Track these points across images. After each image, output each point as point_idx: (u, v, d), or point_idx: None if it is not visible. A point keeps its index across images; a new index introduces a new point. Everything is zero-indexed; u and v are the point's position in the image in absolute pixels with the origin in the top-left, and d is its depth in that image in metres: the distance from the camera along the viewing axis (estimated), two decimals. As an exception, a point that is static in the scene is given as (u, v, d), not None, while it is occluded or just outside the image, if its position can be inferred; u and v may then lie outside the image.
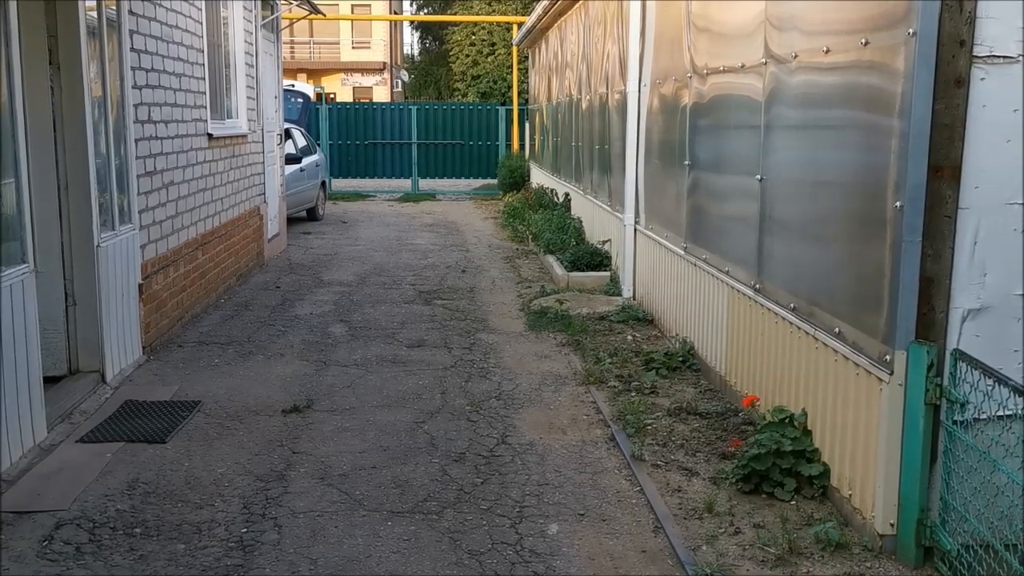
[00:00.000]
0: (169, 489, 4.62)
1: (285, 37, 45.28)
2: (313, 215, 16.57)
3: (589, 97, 11.86)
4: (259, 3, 11.52)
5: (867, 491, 4.12)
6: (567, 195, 14.15)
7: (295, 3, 12.81)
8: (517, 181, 19.90)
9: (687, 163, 7.03)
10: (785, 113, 5.14)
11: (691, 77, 6.92)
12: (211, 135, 8.93)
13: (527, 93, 22.64)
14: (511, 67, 25.99)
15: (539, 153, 18.78)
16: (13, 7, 4.80)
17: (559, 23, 15.17)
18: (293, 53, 44.72)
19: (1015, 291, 3.83)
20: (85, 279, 5.99)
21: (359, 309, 8.94)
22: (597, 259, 10.36)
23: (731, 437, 5.31)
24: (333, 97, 39.52)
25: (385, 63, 44.85)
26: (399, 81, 46.53)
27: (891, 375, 3.90)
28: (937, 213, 3.80)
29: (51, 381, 5.84)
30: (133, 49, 6.78)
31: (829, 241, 4.57)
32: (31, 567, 3.85)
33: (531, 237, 13.20)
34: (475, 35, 39.31)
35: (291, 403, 5.93)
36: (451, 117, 22.14)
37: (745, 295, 5.72)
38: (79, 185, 5.90)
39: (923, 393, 3.78)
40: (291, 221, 15.15)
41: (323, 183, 17.36)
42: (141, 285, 6.86)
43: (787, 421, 4.76)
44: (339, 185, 21.90)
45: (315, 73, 43.36)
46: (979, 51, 3.70)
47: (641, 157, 8.82)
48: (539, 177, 18.23)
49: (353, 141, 21.87)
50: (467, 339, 7.78)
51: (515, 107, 22.16)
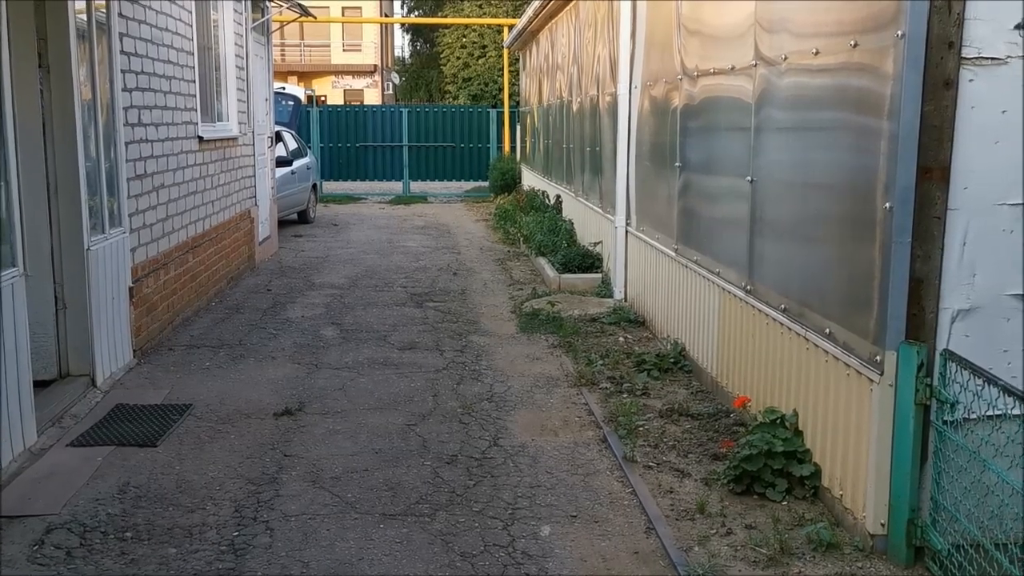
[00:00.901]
0: (160, 493, 4.61)
1: (276, 39, 45.20)
2: (304, 218, 16.55)
3: (580, 99, 11.87)
4: (249, 6, 11.51)
5: (858, 491, 4.13)
6: (558, 197, 14.16)
7: (285, 6, 12.79)
8: (508, 183, 19.91)
9: (678, 165, 7.05)
10: (775, 115, 5.15)
11: (681, 79, 6.94)
12: (201, 138, 8.91)
13: (518, 95, 22.65)
14: (502, 69, 26.01)
15: (530, 155, 18.80)
16: (2, 10, 4.78)
17: (549, 25, 15.19)
18: (284, 55, 44.65)
19: (1004, 291, 3.85)
20: (75, 283, 5.97)
21: (350, 312, 8.93)
22: (588, 261, 10.37)
23: (723, 438, 5.32)
24: (324, 100, 39.50)
25: (376, 65, 44.83)
26: (390, 83, 46.51)
27: (881, 375, 3.92)
28: (926, 214, 3.82)
29: (41, 385, 5.81)
30: (123, 52, 6.77)
31: (819, 242, 4.59)
32: (22, 572, 3.83)
33: (522, 239, 13.21)
34: (466, 37, 39.33)
35: (283, 406, 5.92)
36: (442, 119, 22.16)
37: (736, 296, 5.73)
38: (69, 188, 5.88)
39: (913, 393, 3.80)
40: (282, 224, 15.12)
41: (314, 186, 17.34)
42: (132, 288, 6.84)
43: (778, 422, 4.77)
44: (330, 188, 21.88)
45: (306, 75, 43.32)
46: (968, 53, 3.72)
47: (632, 159, 8.83)
48: (530, 179, 18.24)
49: (344, 144, 21.87)
50: (459, 341, 7.78)
51: (506, 109, 22.18)
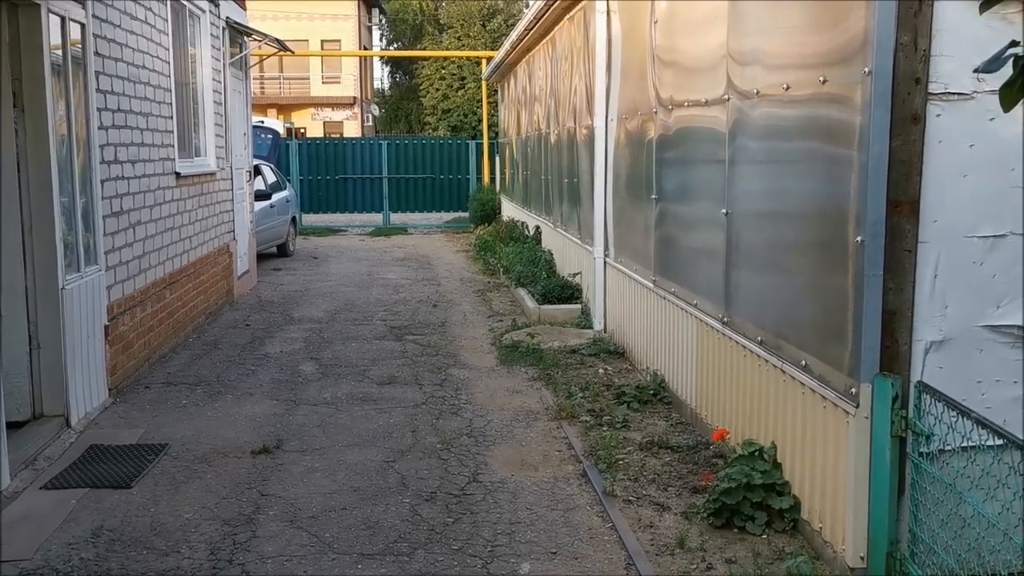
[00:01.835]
0: (134, 536, 4.55)
1: (255, 73, 45.24)
2: (284, 251, 16.51)
3: (557, 131, 11.95)
4: (227, 41, 11.54)
5: (837, 524, 4.13)
6: (537, 228, 14.21)
7: (263, 42, 12.83)
8: (488, 214, 19.97)
9: (654, 196, 7.10)
10: (749, 146, 5.21)
11: (656, 111, 7.00)
12: (179, 174, 8.90)
13: (497, 127, 22.78)
14: (481, 101, 26.17)
15: (509, 186, 18.88)
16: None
17: (527, 58, 15.32)
18: (263, 88, 44.74)
19: (977, 323, 3.89)
20: (49, 322, 5.92)
21: (329, 346, 8.89)
22: (568, 292, 10.39)
23: (702, 471, 5.32)
24: (303, 132, 39.56)
25: (355, 98, 45.00)
26: (370, 115, 46.66)
27: (857, 408, 3.93)
28: (897, 247, 3.86)
29: (15, 426, 5.75)
30: (99, 90, 6.76)
31: (794, 274, 4.62)
32: (-9, 620, 3.77)
33: (502, 270, 13.23)
34: (445, 69, 39.62)
35: (260, 444, 5.87)
36: (422, 151, 22.24)
37: (714, 328, 5.75)
38: (43, 227, 5.84)
39: (889, 425, 3.81)
40: (261, 257, 15.06)
41: (293, 219, 17.31)
42: (107, 327, 6.79)
43: (757, 454, 4.77)
44: (310, 220, 21.86)
45: (285, 108, 43.42)
46: (934, 88, 3.78)
47: (609, 190, 8.89)
48: (510, 210, 18.30)
49: (324, 176, 21.89)
50: (438, 375, 7.76)
51: (485, 141, 22.29)
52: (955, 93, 3.79)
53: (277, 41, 13.33)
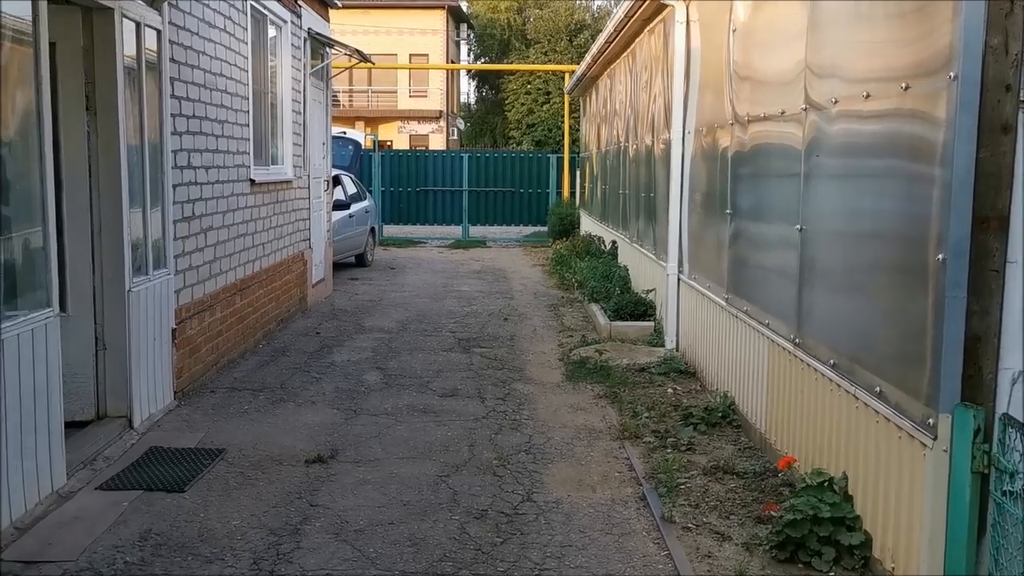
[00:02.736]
0: (181, 541, 4.51)
1: (344, 85, 46.08)
2: (362, 261, 16.62)
3: (636, 144, 11.74)
4: (308, 52, 11.68)
5: (911, 564, 3.83)
6: (614, 243, 13.98)
7: (344, 52, 12.96)
8: (567, 228, 19.80)
9: (728, 212, 6.84)
10: (825, 161, 4.93)
11: (733, 125, 6.75)
12: (254, 181, 8.99)
13: (579, 141, 22.64)
14: (565, 116, 26.07)
15: (588, 200, 18.69)
16: (44, 57, 4.84)
17: (608, 71, 15.14)
18: (352, 101, 45.57)
19: (1070, 352, 3.55)
20: (115, 324, 5.98)
21: (396, 356, 8.84)
22: (641, 308, 10.14)
23: (768, 499, 5.03)
24: (390, 145, 40.10)
25: (441, 111, 45.41)
26: (455, 129, 47.05)
27: (935, 440, 3.64)
28: (983, 267, 3.56)
29: (78, 426, 5.82)
30: (174, 96, 6.85)
31: (870, 295, 4.33)
32: (31, 621, 3.75)
33: (577, 285, 13.03)
34: (530, 84, 39.72)
35: (315, 453, 5.81)
36: (502, 164, 22.23)
37: (785, 349, 5.47)
38: (112, 230, 5.91)
39: (970, 461, 3.51)
40: (339, 267, 15.21)
41: (372, 229, 17.44)
42: (175, 330, 6.85)
43: (826, 485, 4.48)
44: (390, 231, 22.04)
45: (372, 121, 44.08)
46: (1027, 96, 3.48)
47: (685, 205, 8.64)
48: (588, 224, 18.11)
49: (405, 188, 22.06)
50: (502, 389, 7.61)
51: (566, 154, 22.15)
52: (1051, 101, 3.48)
53: (358, 52, 13.45)
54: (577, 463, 5.78)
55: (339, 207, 14.93)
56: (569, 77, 21.61)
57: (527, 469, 5.64)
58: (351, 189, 16.43)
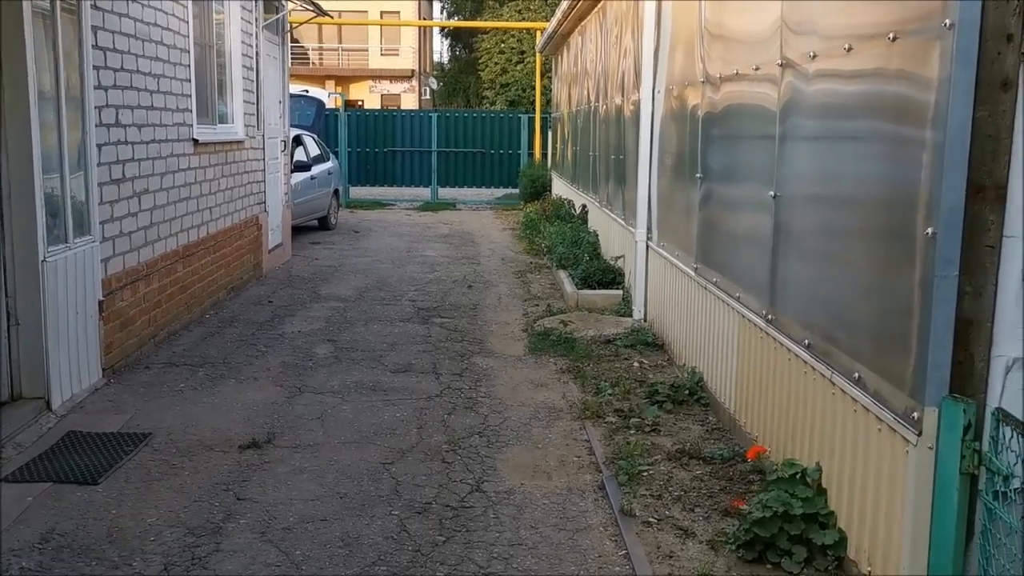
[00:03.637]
0: (86, 543, 4.06)
1: (313, 43, 45.02)
2: (325, 224, 16.06)
3: (605, 105, 11.24)
4: (260, 4, 11.03)
5: (890, 568, 3.46)
6: (584, 207, 13.53)
7: (300, 5, 12.30)
8: (539, 191, 19.30)
9: (699, 176, 6.39)
10: (802, 122, 4.48)
11: (704, 83, 6.28)
12: (197, 140, 8.42)
13: (552, 101, 22.06)
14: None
15: (560, 162, 18.19)
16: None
17: (579, 28, 14.58)
18: (322, 59, 44.55)
19: (1072, 337, 3.15)
20: (29, 297, 5.47)
21: (350, 328, 8.37)
22: (610, 276, 9.71)
23: (736, 488, 4.65)
24: (361, 104, 39.23)
25: (414, 70, 44.51)
26: (427, 89, 46.15)
27: (919, 436, 3.24)
28: (977, 242, 3.14)
29: (-10, 408, 5.34)
30: (97, 46, 6.27)
31: (849, 269, 3.91)
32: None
33: (546, 250, 12.59)
34: (504, 43, 38.86)
35: (250, 437, 5.36)
36: (473, 125, 21.61)
37: (756, 326, 5.06)
38: (22, 194, 5.38)
39: (958, 460, 3.12)
40: (301, 230, 14.68)
41: (336, 191, 16.85)
42: (102, 302, 6.34)
43: (799, 477, 4.10)
44: (358, 193, 21.44)
45: (343, 80, 43.11)
46: (1031, 47, 3.04)
47: (654, 168, 8.18)
48: (559, 187, 17.62)
49: (373, 149, 21.42)
50: (459, 363, 7.18)
51: (538, 115, 21.57)
52: (1057, 53, 3.05)
53: (315, 5, 12.77)
54: (534, 447, 5.38)
55: (300, 168, 14.35)
56: (541, 35, 20.97)
57: (479, 454, 5.23)
58: (313, 150, 15.82)
